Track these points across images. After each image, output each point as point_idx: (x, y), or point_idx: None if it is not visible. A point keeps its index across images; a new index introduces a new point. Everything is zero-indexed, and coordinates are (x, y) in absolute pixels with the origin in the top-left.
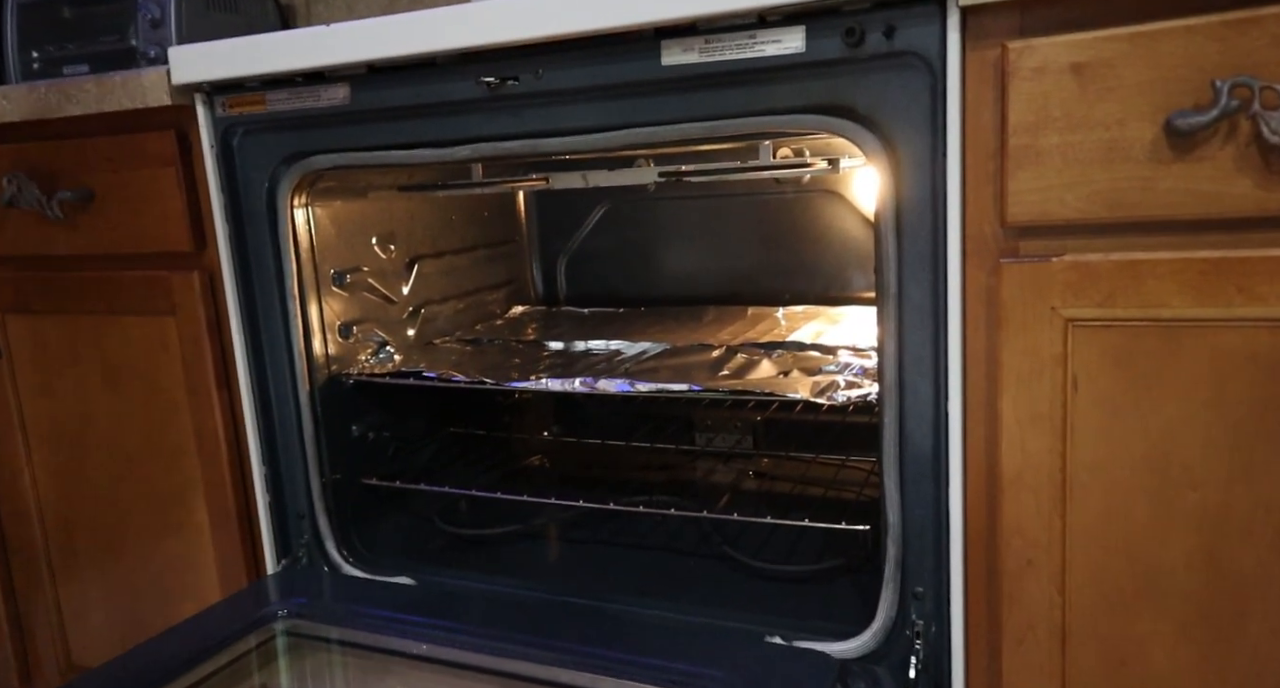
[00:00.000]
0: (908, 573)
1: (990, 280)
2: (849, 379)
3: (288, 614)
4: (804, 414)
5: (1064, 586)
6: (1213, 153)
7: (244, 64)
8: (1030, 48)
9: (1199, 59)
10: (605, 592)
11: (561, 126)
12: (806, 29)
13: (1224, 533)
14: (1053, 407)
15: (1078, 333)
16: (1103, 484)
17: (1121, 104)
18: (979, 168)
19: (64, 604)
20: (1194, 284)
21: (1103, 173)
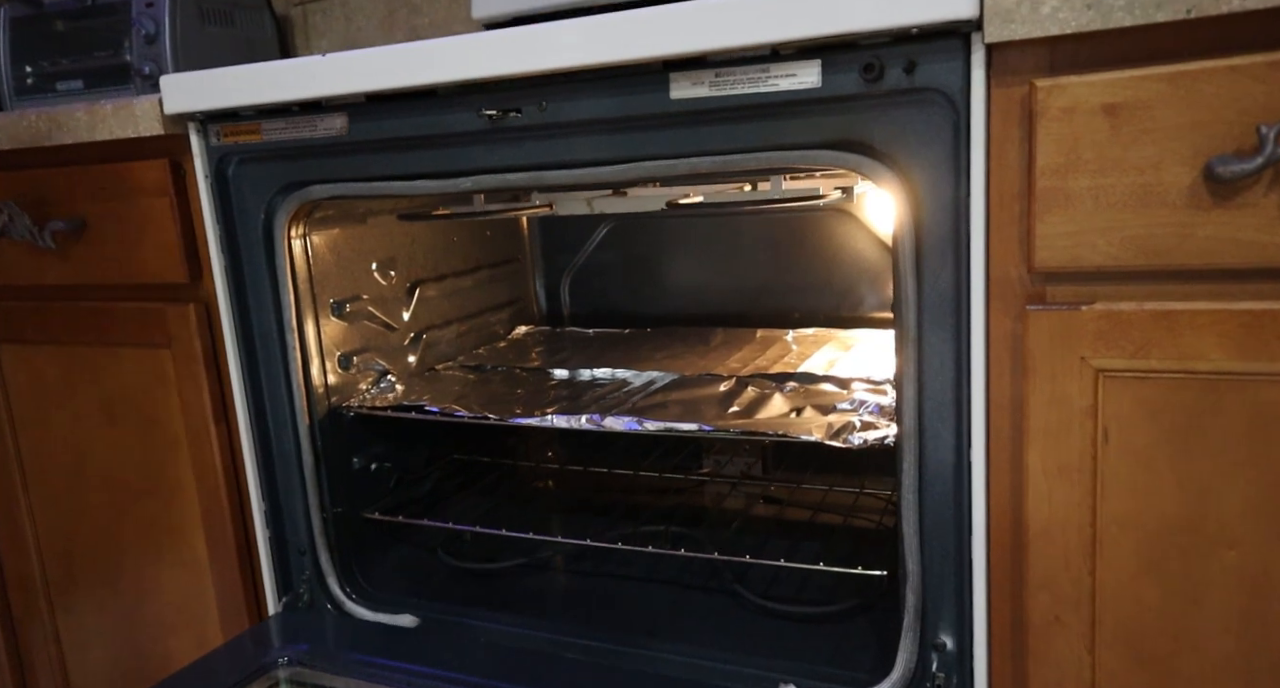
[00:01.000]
0: (927, 623)
1: (1016, 327)
2: (865, 420)
3: (289, 662)
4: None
5: (1094, 644)
6: (1256, 200)
7: (238, 94)
8: (1060, 87)
9: (1242, 100)
10: (613, 633)
11: (565, 159)
12: (823, 63)
13: (1263, 595)
14: (1082, 459)
15: (1109, 384)
16: (1134, 540)
17: (1158, 147)
18: (1004, 209)
19: (63, 635)
20: (1234, 336)
21: (1137, 218)
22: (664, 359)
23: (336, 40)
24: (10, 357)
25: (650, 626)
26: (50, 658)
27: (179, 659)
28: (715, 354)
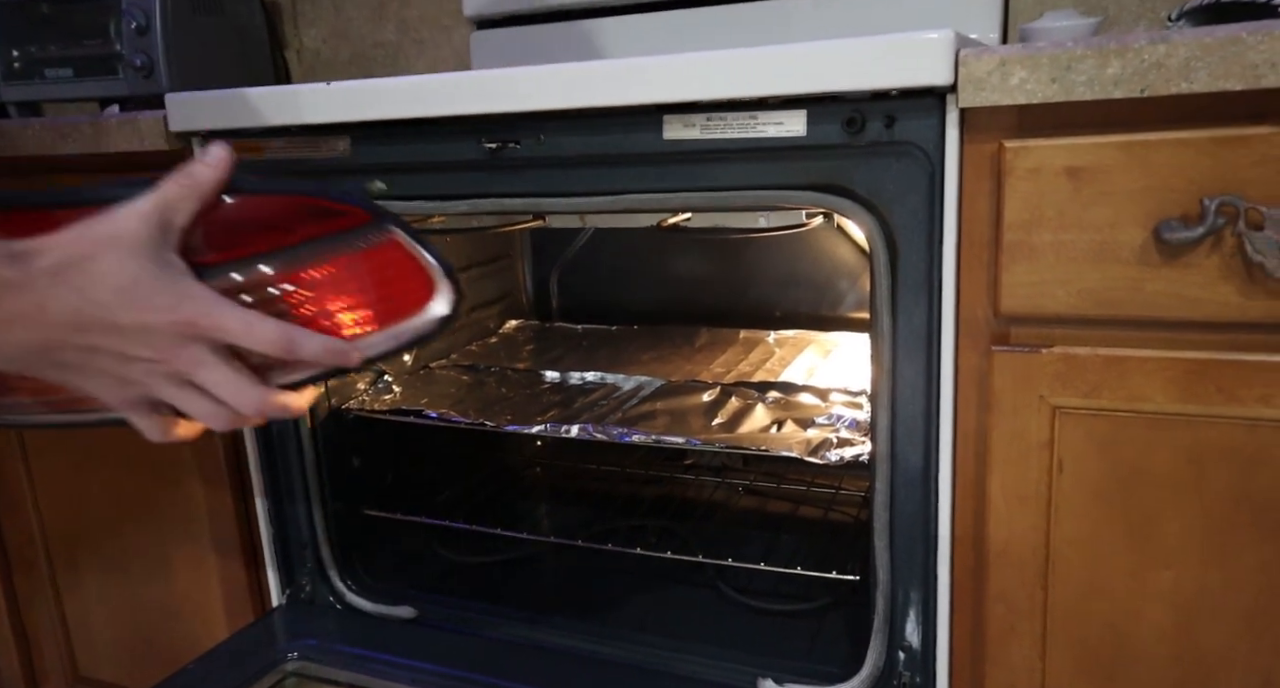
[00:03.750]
0: (895, 626)
1: (982, 364)
2: (842, 436)
3: (298, 657)
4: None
5: (1044, 651)
6: (1199, 261)
7: (243, 116)
8: (1027, 149)
9: (1189, 171)
10: (602, 626)
11: (562, 189)
12: (808, 114)
13: (1195, 611)
14: (1039, 487)
15: (1064, 420)
16: (1084, 561)
17: (1114, 209)
18: (974, 256)
19: (69, 618)
20: (1177, 382)
21: (1093, 272)
22: (651, 362)
23: (325, 29)
24: None
25: (637, 619)
26: (56, 638)
27: (184, 644)
28: (700, 357)
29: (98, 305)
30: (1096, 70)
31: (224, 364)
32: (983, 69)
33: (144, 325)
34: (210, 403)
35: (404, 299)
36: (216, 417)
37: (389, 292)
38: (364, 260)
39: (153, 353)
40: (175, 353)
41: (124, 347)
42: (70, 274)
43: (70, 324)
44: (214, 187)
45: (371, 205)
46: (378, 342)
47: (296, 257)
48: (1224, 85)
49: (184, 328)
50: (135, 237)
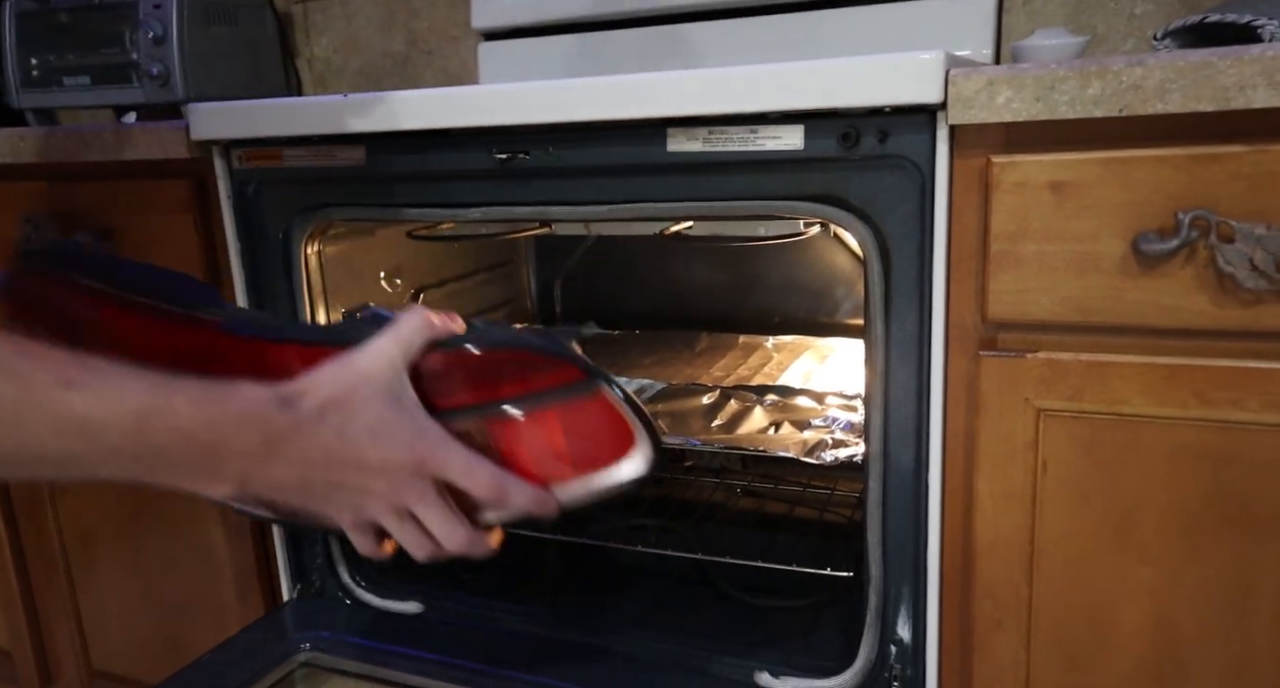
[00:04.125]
0: (887, 621)
1: (971, 368)
2: (837, 437)
3: (309, 648)
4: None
5: (1029, 643)
6: (1174, 271)
7: (262, 126)
8: (1013, 163)
9: (1166, 186)
10: (604, 620)
11: (570, 198)
12: (805, 129)
13: (1172, 604)
14: (1024, 486)
15: (1048, 422)
16: (1067, 557)
17: (1095, 221)
18: (963, 265)
19: (84, 613)
20: (1154, 386)
21: (1075, 281)
22: (652, 365)
23: (336, 39)
24: None
25: (637, 615)
26: (70, 632)
27: (197, 638)
28: (700, 361)
29: (351, 444)
30: (1078, 91)
31: (441, 502)
32: (971, 88)
33: (384, 461)
34: (422, 535)
35: (603, 453)
36: (424, 548)
37: (590, 445)
38: (572, 414)
39: (387, 486)
40: (405, 487)
41: (365, 481)
42: (330, 415)
43: (324, 461)
44: (443, 334)
45: (584, 363)
46: (575, 492)
47: (513, 407)
48: (1197, 106)
49: (416, 465)
50: (382, 376)
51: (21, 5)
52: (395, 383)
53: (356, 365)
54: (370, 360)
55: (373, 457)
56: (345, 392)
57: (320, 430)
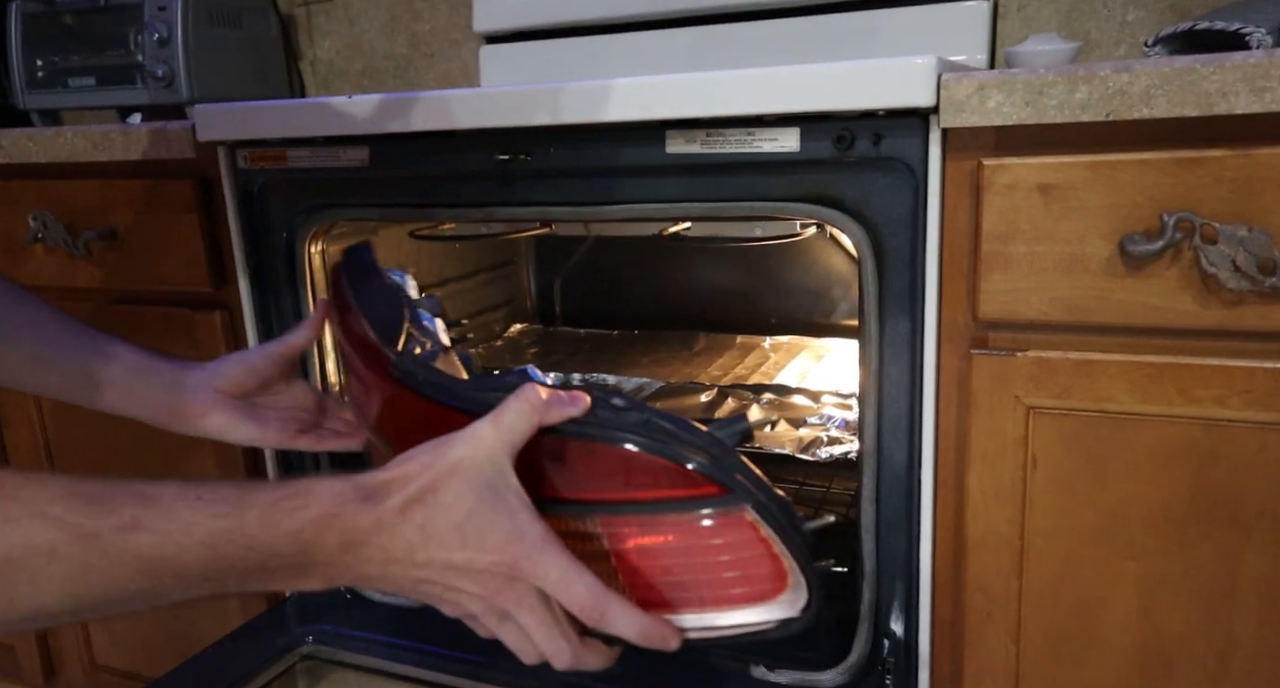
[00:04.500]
0: (881, 615)
1: (962, 366)
2: (832, 435)
3: (312, 641)
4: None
5: (1019, 637)
6: (1160, 272)
7: (267, 127)
8: (1003, 166)
9: (1151, 189)
10: None
11: (570, 198)
12: (801, 131)
13: (1157, 597)
14: (1014, 482)
15: (1038, 419)
16: (1056, 552)
17: (1082, 223)
18: (954, 265)
19: None
20: (1140, 384)
21: (1064, 281)
22: (650, 365)
23: (339, 41)
24: None
25: None
26: (74, 629)
27: (199, 632)
28: (698, 360)
29: (435, 542)
30: (1066, 95)
31: (543, 609)
32: (963, 92)
33: (472, 563)
34: (525, 640)
35: (744, 586)
36: (529, 654)
37: (727, 576)
38: (706, 535)
39: (479, 589)
40: (499, 590)
41: (452, 580)
42: (414, 510)
43: (406, 560)
44: (557, 418)
45: (726, 477)
46: (700, 628)
47: (632, 513)
48: (1181, 111)
49: (509, 569)
50: (477, 468)
51: (27, 7)
52: (493, 475)
53: (451, 454)
54: (467, 449)
55: (459, 558)
56: (433, 482)
57: (402, 527)
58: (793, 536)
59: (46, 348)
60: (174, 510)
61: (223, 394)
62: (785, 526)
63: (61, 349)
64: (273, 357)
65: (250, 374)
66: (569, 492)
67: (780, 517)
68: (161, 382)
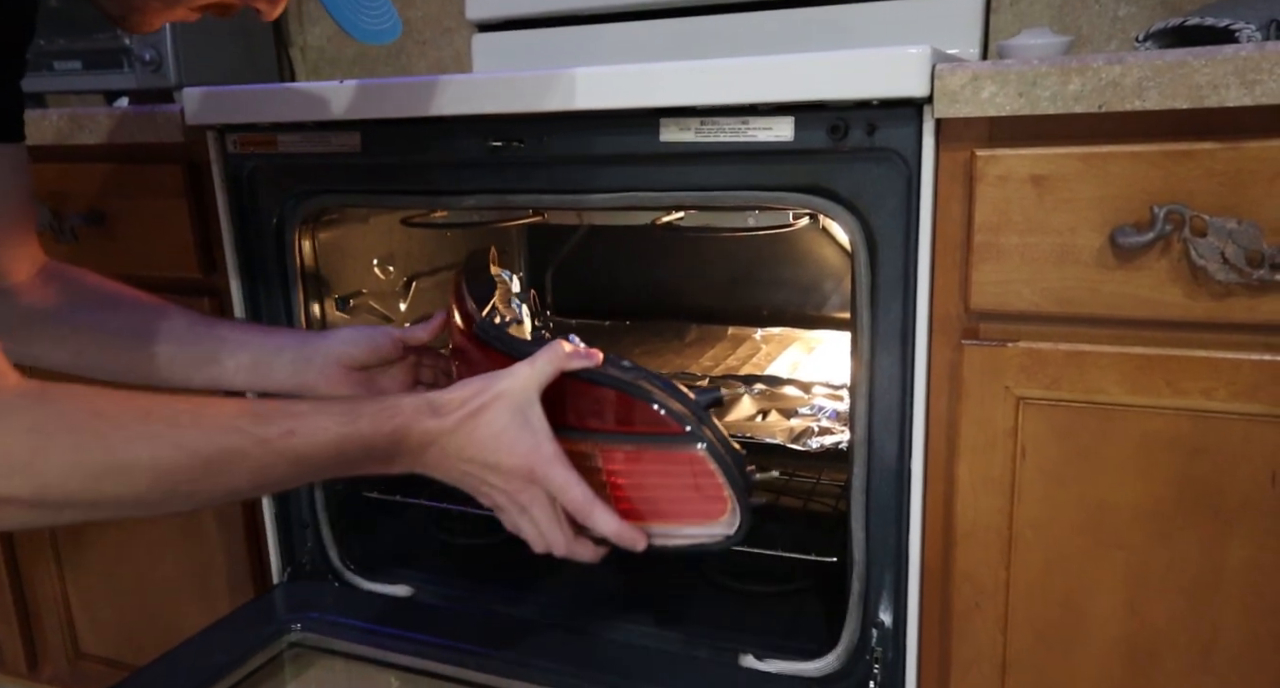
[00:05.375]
0: (869, 605)
1: (953, 356)
2: (823, 425)
3: (300, 628)
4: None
5: (1006, 626)
6: (1150, 264)
7: (256, 111)
8: (996, 157)
9: (1141, 181)
10: (594, 605)
11: (562, 186)
12: (795, 120)
13: (1143, 587)
14: (1003, 472)
15: (1027, 409)
16: (1044, 542)
17: (1074, 215)
18: (947, 256)
19: (72, 596)
20: (1129, 375)
21: (1055, 273)
22: (642, 355)
23: (330, 28)
24: None
25: (625, 598)
26: (58, 616)
27: (186, 622)
28: (690, 351)
29: (480, 447)
30: (1059, 87)
31: (550, 507)
32: (956, 83)
33: (501, 465)
34: (534, 530)
35: (696, 507)
36: (535, 541)
37: (686, 497)
38: (667, 463)
39: (506, 485)
40: (519, 489)
41: (486, 476)
42: (467, 423)
43: (458, 457)
44: (575, 366)
45: (694, 424)
46: (662, 536)
47: (622, 441)
48: (1173, 104)
49: (526, 473)
50: (514, 396)
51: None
52: (524, 402)
53: (497, 384)
54: (507, 381)
55: (492, 460)
56: (482, 404)
57: (457, 434)
58: (735, 475)
59: (182, 349)
60: (314, 421)
61: (346, 368)
62: (731, 466)
63: (194, 347)
64: (395, 340)
65: (374, 352)
66: (577, 421)
67: (728, 459)
68: (289, 360)
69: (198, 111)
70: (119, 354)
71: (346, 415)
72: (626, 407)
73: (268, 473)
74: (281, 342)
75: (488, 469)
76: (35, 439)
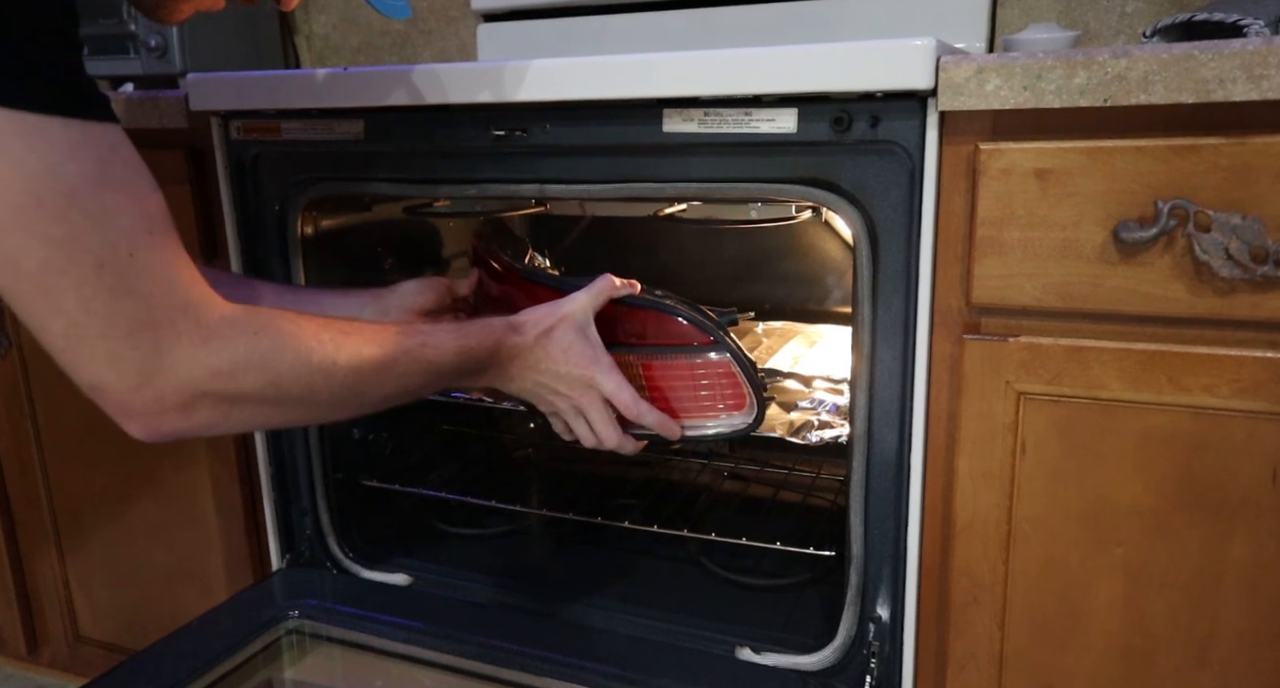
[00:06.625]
0: (867, 599)
1: (954, 350)
2: (823, 419)
3: (298, 615)
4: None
5: (1004, 621)
6: (1153, 259)
7: (260, 98)
8: (1000, 151)
9: (1146, 176)
10: (592, 596)
11: (565, 176)
12: (799, 112)
13: (1142, 584)
14: (1002, 467)
15: (1028, 404)
16: (1042, 537)
17: (1077, 209)
18: (949, 249)
19: (72, 580)
20: (1130, 372)
21: (1057, 267)
22: None
23: (335, 16)
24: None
25: (622, 591)
26: (58, 599)
27: (185, 607)
28: None
29: (552, 359)
30: (1064, 80)
31: (604, 409)
32: (961, 75)
33: (569, 374)
34: (588, 430)
35: (717, 404)
36: (589, 439)
37: (709, 395)
38: (697, 368)
39: (569, 390)
40: (580, 393)
41: (558, 385)
42: (542, 339)
43: (535, 368)
44: (621, 294)
45: (716, 334)
46: (695, 428)
47: (659, 353)
48: (1178, 98)
49: (587, 380)
50: (576, 317)
51: None
52: (584, 322)
53: (562, 309)
54: (569, 306)
55: (563, 369)
56: (552, 324)
57: (535, 348)
58: (754, 377)
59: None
60: (438, 336)
61: (416, 314)
62: (749, 370)
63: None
64: (449, 286)
65: (436, 298)
66: (624, 338)
67: (747, 365)
68: (371, 313)
69: (201, 97)
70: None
71: (459, 333)
72: (665, 324)
73: (412, 378)
74: (362, 300)
75: (558, 378)
76: (263, 344)
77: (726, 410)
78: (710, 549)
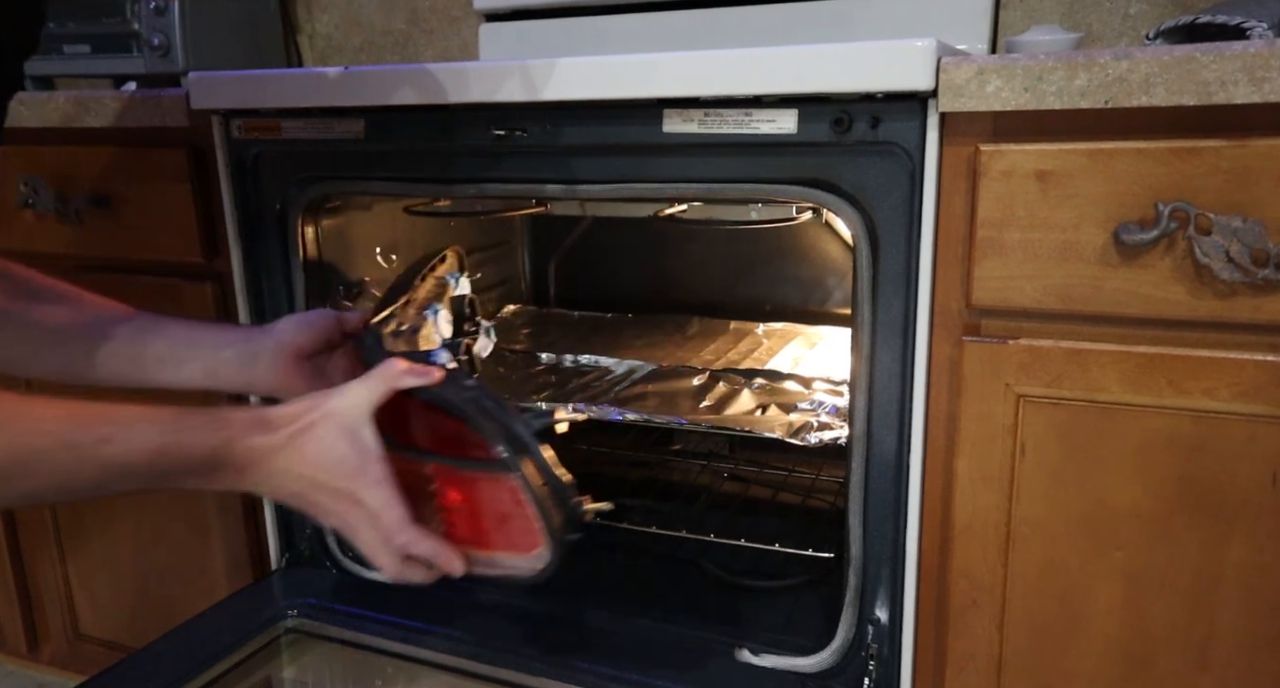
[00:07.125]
0: (866, 601)
1: (954, 352)
2: (822, 420)
3: (297, 614)
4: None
5: (1002, 623)
6: (1154, 262)
7: (262, 97)
8: (1000, 152)
9: (1146, 178)
10: (590, 596)
11: (565, 176)
12: (799, 113)
13: (1141, 587)
14: (1002, 469)
15: (1027, 407)
16: (1042, 539)
17: (1078, 211)
18: (949, 251)
19: (72, 578)
20: (1130, 374)
21: (1058, 269)
22: (643, 348)
23: (337, 16)
24: None
25: (620, 592)
26: (59, 600)
27: (185, 606)
28: (691, 344)
29: (306, 465)
30: (1065, 82)
31: (373, 529)
32: (962, 76)
33: (327, 484)
34: (366, 552)
35: (512, 538)
36: (369, 560)
37: (502, 524)
38: (491, 489)
39: (331, 505)
40: (346, 510)
41: (314, 495)
42: (296, 439)
43: (284, 475)
44: (410, 385)
45: (506, 448)
46: (484, 564)
47: (449, 463)
48: (1180, 100)
49: (350, 494)
50: (344, 416)
51: None
52: (355, 422)
53: (327, 404)
54: (338, 400)
55: (320, 478)
56: (311, 422)
57: (285, 450)
58: (550, 508)
59: (123, 348)
60: (136, 429)
61: (293, 359)
62: (545, 499)
63: (138, 347)
64: (334, 320)
65: (314, 338)
66: (418, 441)
67: (543, 492)
68: (234, 356)
69: (203, 96)
70: (54, 352)
71: (173, 426)
72: (453, 429)
73: (73, 478)
74: (229, 338)
75: (316, 487)
76: None
77: (516, 548)
78: (709, 550)
